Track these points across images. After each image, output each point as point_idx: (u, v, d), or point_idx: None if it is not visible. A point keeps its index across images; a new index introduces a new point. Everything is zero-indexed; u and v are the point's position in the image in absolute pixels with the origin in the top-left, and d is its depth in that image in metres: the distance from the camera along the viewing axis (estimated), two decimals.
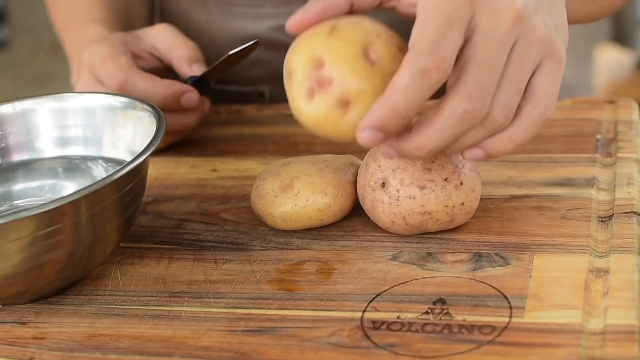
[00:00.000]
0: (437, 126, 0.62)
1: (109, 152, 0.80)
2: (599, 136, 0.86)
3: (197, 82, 0.91)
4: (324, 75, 0.63)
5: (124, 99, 0.79)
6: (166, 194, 0.85)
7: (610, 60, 3.29)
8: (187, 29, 1.09)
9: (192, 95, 0.89)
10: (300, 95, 0.64)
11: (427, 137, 0.63)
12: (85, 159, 0.81)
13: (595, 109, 0.92)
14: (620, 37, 3.14)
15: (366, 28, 0.64)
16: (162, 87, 0.87)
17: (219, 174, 0.88)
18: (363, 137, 0.62)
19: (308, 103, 0.64)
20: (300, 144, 0.92)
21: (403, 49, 0.65)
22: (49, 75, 3.99)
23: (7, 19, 4.63)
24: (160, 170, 0.90)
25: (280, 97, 1.07)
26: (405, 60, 0.60)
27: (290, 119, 0.97)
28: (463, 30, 0.61)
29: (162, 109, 0.79)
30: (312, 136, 0.93)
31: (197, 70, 0.91)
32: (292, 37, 1.03)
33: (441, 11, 0.61)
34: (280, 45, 1.05)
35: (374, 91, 0.62)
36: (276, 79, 1.05)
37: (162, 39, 0.93)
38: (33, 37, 4.42)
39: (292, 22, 0.65)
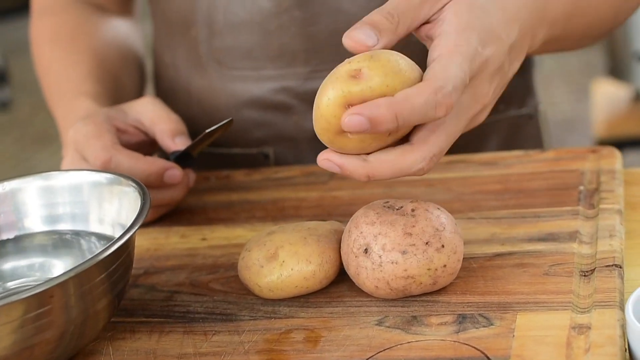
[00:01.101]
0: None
1: (96, 228, 0.81)
2: (581, 188, 0.86)
3: (180, 157, 0.92)
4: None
5: (109, 175, 0.81)
6: (157, 266, 0.86)
7: (608, 94, 3.30)
8: (188, 96, 1.09)
9: (174, 172, 0.90)
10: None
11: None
12: (73, 235, 0.82)
13: (578, 159, 0.92)
14: (616, 71, 3.15)
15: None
16: (145, 165, 0.88)
17: (208, 243, 0.89)
18: (352, 119, 0.68)
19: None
20: (287, 208, 0.93)
21: None
22: (51, 134, 4.01)
23: (8, 80, 4.66)
24: (151, 241, 0.91)
25: (285, 158, 1.07)
26: (427, 86, 0.69)
27: (278, 183, 0.98)
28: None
29: (147, 186, 0.80)
30: (299, 200, 0.94)
31: (180, 143, 0.92)
32: (295, 99, 1.06)
33: (464, 57, 0.71)
34: (282, 107, 1.05)
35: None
36: (280, 140, 1.06)
37: (147, 112, 0.94)
38: (34, 97, 4.43)
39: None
